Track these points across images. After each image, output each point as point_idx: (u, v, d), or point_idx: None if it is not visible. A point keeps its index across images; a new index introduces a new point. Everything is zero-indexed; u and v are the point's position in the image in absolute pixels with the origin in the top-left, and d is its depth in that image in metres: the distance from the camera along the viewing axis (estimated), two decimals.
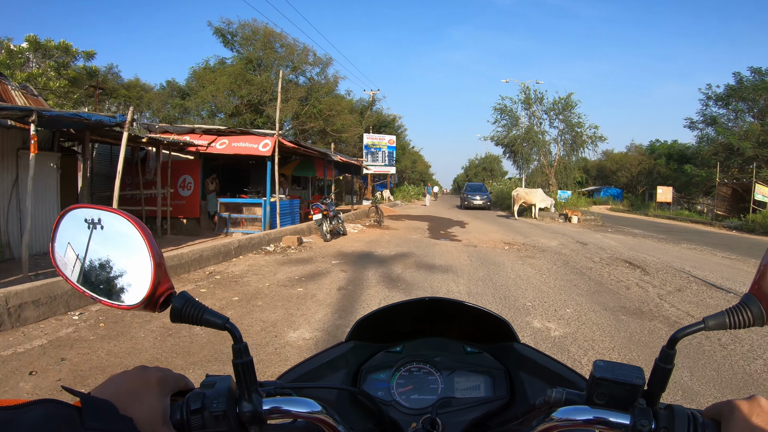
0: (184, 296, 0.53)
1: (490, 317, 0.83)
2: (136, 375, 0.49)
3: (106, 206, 0.56)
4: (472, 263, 7.63)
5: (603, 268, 7.42)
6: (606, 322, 4.37)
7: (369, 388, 0.79)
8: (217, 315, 0.53)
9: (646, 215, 24.90)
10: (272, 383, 0.57)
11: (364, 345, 0.85)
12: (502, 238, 11.69)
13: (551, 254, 8.94)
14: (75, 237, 0.55)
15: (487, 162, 57.74)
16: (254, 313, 4.47)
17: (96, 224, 0.54)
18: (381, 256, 8.16)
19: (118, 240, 0.54)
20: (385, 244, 10.18)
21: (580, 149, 21.24)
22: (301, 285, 5.70)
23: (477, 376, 0.80)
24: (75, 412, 0.39)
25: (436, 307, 0.85)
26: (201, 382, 0.53)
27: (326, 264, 7.25)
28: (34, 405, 0.37)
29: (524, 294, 5.50)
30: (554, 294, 5.53)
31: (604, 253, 9.22)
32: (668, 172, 32.75)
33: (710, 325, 0.49)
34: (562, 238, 11.94)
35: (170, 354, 3.32)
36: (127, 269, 0.53)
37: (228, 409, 0.50)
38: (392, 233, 12.54)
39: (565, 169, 21.45)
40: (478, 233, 12.92)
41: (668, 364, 0.49)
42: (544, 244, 10.52)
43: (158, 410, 0.47)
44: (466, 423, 0.72)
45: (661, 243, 11.76)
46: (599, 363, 0.51)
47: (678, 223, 20.19)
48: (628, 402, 0.49)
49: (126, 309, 0.53)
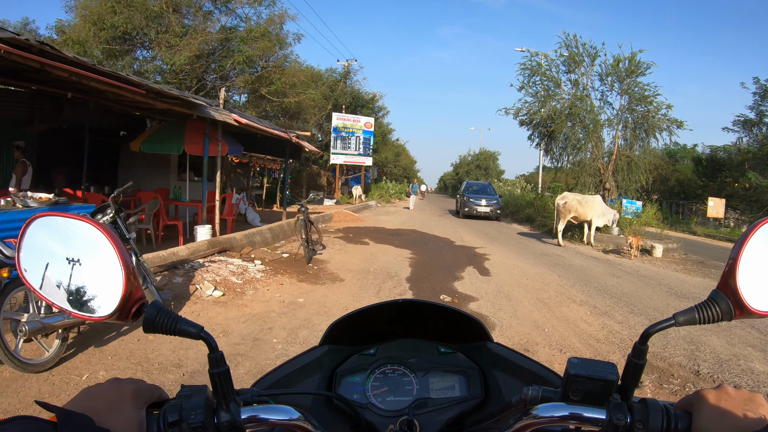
0: (157, 306, 0.51)
1: (462, 317, 0.83)
2: (109, 387, 0.48)
3: (73, 214, 0.54)
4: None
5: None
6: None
7: (344, 391, 0.79)
8: (192, 324, 0.51)
9: (694, 234, 18.21)
10: (249, 391, 0.56)
11: (338, 348, 0.85)
12: (602, 323, 4.37)
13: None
14: (42, 247, 0.53)
15: (481, 159, 50.23)
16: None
17: (63, 233, 0.53)
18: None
19: (87, 249, 0.52)
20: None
21: (649, 137, 13.74)
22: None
23: (451, 376, 0.81)
24: (51, 428, 0.38)
25: (409, 309, 0.86)
26: (177, 393, 0.51)
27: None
28: (7, 423, 0.37)
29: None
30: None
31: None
32: (694, 179, 27.68)
33: (680, 321, 0.50)
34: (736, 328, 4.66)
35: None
36: (97, 279, 0.52)
37: (206, 420, 0.48)
38: (321, 297, 5.06)
39: (628, 166, 13.91)
40: (528, 297, 5.56)
41: (640, 360, 0.50)
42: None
43: (134, 423, 0.46)
44: (442, 423, 0.72)
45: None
46: (573, 360, 0.52)
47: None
48: (603, 397, 0.50)
49: (97, 320, 0.52)
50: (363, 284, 5.75)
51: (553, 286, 6.28)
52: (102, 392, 0.47)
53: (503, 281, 6.45)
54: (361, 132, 26.34)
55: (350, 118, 26.14)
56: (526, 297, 5.52)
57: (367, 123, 26.69)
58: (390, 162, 40.34)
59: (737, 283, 0.48)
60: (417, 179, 22.85)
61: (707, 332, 4.35)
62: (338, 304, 4.72)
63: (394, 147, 43.23)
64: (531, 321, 4.54)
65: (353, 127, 26.05)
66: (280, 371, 0.77)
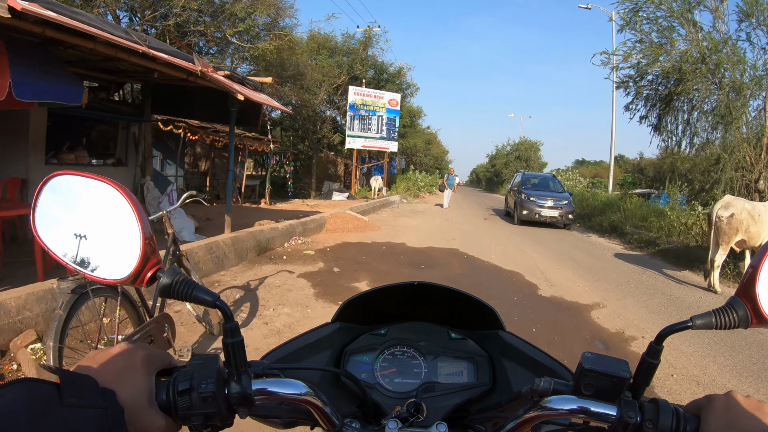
0: (174, 271, 0.51)
1: (476, 304, 0.82)
2: (119, 351, 0.47)
3: (92, 174, 0.51)
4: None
5: None
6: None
7: (352, 369, 0.78)
8: (208, 292, 0.51)
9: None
10: (259, 364, 0.54)
11: (349, 326, 0.84)
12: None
13: None
14: (58, 206, 0.52)
15: (521, 149, 44.28)
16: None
17: (80, 193, 0.51)
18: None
19: (105, 210, 0.50)
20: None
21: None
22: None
23: (460, 362, 0.80)
24: (53, 390, 0.38)
25: (422, 292, 0.84)
26: (188, 361, 0.50)
27: None
28: (8, 387, 0.36)
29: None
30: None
31: None
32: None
33: (697, 324, 0.49)
34: None
35: None
36: (114, 242, 0.51)
37: (217, 390, 0.47)
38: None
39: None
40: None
41: (654, 359, 0.50)
42: None
43: (144, 388, 0.45)
44: (449, 408, 0.71)
45: None
46: (588, 355, 0.51)
47: None
48: (614, 394, 0.50)
49: (112, 283, 0.52)
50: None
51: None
52: (110, 357, 0.46)
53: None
54: (385, 111, 21.49)
55: (371, 93, 21.33)
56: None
57: (391, 100, 21.81)
58: (420, 150, 35.24)
59: (756, 292, 0.48)
60: (451, 170, 17.77)
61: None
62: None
63: (425, 134, 38.10)
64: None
65: (375, 104, 21.22)
66: (291, 345, 0.76)
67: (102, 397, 0.40)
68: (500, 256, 7.43)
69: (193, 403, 0.47)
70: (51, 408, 0.36)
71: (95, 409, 0.39)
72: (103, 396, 0.40)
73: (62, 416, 0.37)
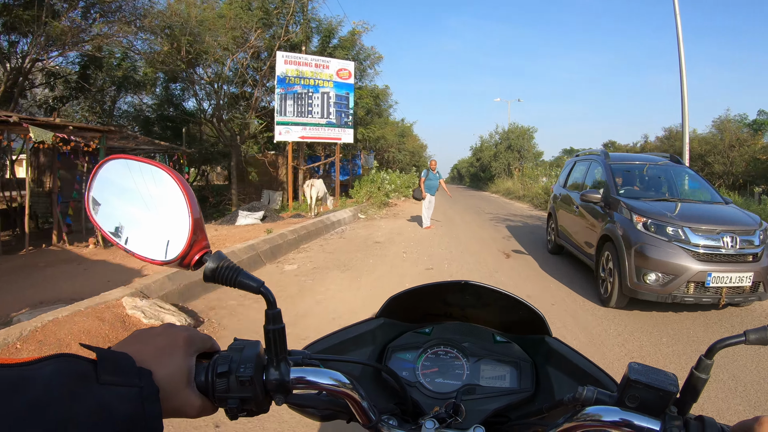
0: (220, 256, 0.51)
1: (524, 308, 0.79)
2: (162, 332, 0.48)
3: (145, 158, 0.53)
4: None
5: None
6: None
7: (394, 366, 0.76)
8: (253, 278, 0.51)
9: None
10: (300, 353, 0.55)
11: (393, 323, 0.84)
12: None
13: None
14: (112, 188, 0.53)
15: (512, 137, 36.75)
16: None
17: (135, 176, 0.53)
18: None
19: (156, 193, 0.52)
20: None
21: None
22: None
23: (503, 365, 0.78)
24: (90, 366, 0.38)
25: (469, 292, 0.81)
26: (229, 345, 0.51)
27: None
28: (48, 360, 0.37)
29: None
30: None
31: None
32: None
33: (751, 339, 0.48)
34: None
35: None
36: (164, 224, 0.52)
37: (255, 375, 0.48)
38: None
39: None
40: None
41: (704, 374, 0.48)
42: None
43: (183, 369, 0.45)
44: (488, 412, 0.70)
45: None
46: (634, 365, 0.50)
47: None
48: (659, 408, 0.48)
49: (159, 264, 0.52)
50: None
51: None
52: (153, 336, 0.46)
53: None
54: (332, 86, 14.72)
55: (310, 60, 14.54)
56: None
57: (341, 70, 15.01)
58: (392, 145, 28.48)
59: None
60: (433, 163, 11.03)
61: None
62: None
63: (398, 127, 31.37)
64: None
65: (316, 77, 14.43)
66: (333, 338, 0.77)
67: (138, 376, 0.40)
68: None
69: (231, 387, 0.47)
70: (87, 383, 0.37)
71: (130, 387, 0.39)
72: (140, 375, 0.40)
73: (97, 392, 0.37)
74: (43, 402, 0.34)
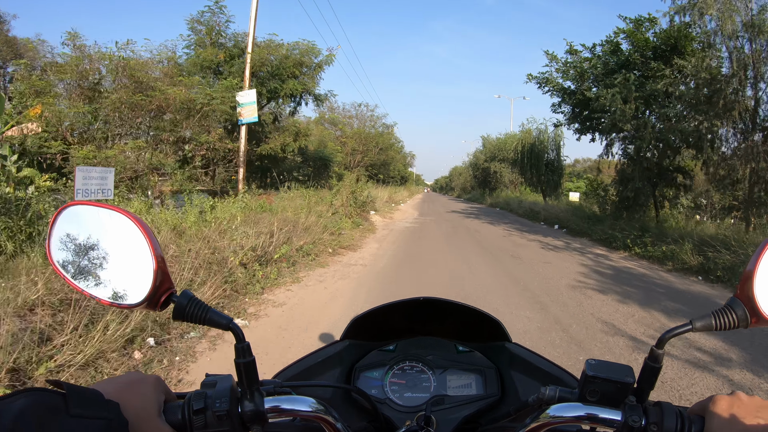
0: (187, 295, 0.51)
1: (482, 317, 0.82)
2: (131, 373, 0.48)
3: (105, 203, 0.53)
4: None
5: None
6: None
7: (362, 386, 0.78)
8: (221, 315, 0.52)
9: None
10: (271, 382, 0.56)
11: (358, 343, 0.85)
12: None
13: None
14: (72, 235, 0.52)
15: (537, 140, 19.29)
16: None
17: (93, 222, 0.52)
18: None
19: (118, 238, 0.51)
20: None
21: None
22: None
23: (468, 374, 0.80)
24: (60, 399, 0.39)
25: (429, 306, 0.84)
26: (201, 382, 0.51)
27: None
28: (19, 395, 0.37)
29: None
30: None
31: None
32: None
33: (697, 326, 0.49)
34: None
35: None
36: (127, 268, 0.51)
37: (231, 408, 0.48)
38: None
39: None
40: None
41: (657, 363, 0.50)
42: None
43: (152, 401, 0.46)
44: (459, 420, 0.72)
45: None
46: (591, 362, 0.52)
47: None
48: (619, 399, 0.50)
49: (126, 308, 0.52)
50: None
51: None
52: (122, 377, 0.47)
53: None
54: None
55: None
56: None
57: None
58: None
59: (754, 292, 0.48)
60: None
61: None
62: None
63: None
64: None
65: None
66: (301, 364, 0.77)
67: (107, 409, 0.40)
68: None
69: (208, 422, 0.47)
70: (57, 415, 0.37)
71: (100, 419, 0.39)
72: (108, 408, 0.41)
73: (67, 424, 0.37)
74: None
